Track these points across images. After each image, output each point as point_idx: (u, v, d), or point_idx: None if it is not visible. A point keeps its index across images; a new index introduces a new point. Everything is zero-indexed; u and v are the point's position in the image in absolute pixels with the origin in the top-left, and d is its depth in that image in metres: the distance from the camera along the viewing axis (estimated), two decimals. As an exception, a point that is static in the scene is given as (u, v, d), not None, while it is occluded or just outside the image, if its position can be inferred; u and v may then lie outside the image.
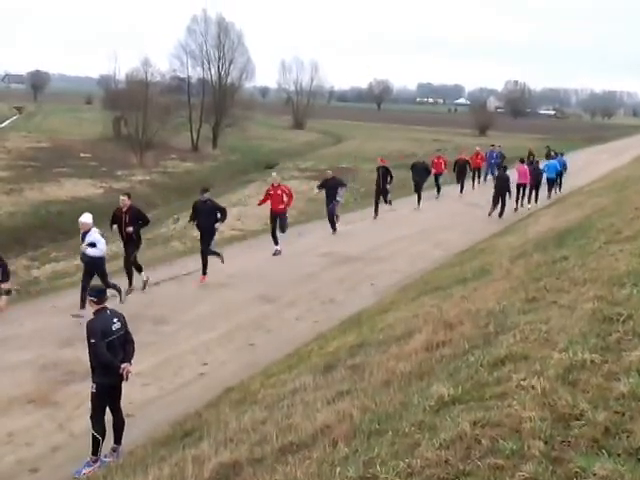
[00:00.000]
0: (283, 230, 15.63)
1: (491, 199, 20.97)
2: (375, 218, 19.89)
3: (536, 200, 23.15)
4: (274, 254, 15.29)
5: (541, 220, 17.24)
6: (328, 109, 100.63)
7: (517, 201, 22.11)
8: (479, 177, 27.86)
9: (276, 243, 15.39)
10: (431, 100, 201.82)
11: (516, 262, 10.12)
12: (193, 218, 13.22)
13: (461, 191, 25.17)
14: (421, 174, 22.72)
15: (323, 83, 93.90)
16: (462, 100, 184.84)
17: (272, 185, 15.71)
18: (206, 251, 13.16)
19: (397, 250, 16.23)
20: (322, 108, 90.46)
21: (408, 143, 56.59)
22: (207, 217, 12.88)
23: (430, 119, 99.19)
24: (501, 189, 20.72)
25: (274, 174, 16.58)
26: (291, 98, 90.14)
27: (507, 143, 42.02)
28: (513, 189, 21.29)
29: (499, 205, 20.72)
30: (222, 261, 13.31)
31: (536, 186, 23.18)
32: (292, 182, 35.50)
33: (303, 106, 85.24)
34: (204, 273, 13.09)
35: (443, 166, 25.03)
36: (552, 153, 30.60)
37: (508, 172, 21.90)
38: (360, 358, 6.87)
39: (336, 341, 8.63)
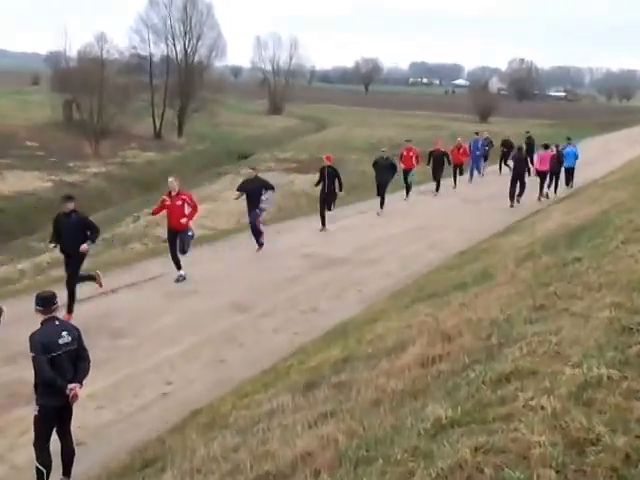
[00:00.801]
0: (184, 251, 13.65)
1: (508, 188, 21.87)
2: (322, 230, 18.20)
3: (555, 190, 23.97)
4: (177, 280, 13.39)
5: (551, 216, 17.34)
6: (309, 91, 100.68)
7: (541, 190, 23.08)
8: (461, 174, 26.33)
9: (178, 268, 13.54)
10: (425, 81, 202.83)
11: (522, 264, 10.15)
12: (54, 238, 11.39)
13: (437, 189, 24.28)
14: (385, 172, 20.74)
15: (303, 62, 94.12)
16: (461, 81, 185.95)
17: (168, 193, 13.47)
18: (72, 280, 11.34)
19: (387, 252, 16.24)
20: (303, 90, 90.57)
21: (400, 130, 56.74)
22: (72, 236, 11.08)
23: (425, 102, 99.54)
24: (519, 173, 21.75)
25: (170, 178, 13.62)
26: (267, 79, 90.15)
27: (512, 130, 42.20)
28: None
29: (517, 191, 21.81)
30: (100, 285, 11.91)
31: (557, 174, 24.04)
32: (269, 174, 35.50)
33: (281, 88, 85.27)
34: (69, 311, 11.09)
35: (414, 160, 22.90)
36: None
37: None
38: (346, 375, 6.85)
39: (319, 355, 8.61)
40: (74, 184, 34.26)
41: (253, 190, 15.78)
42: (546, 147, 24.00)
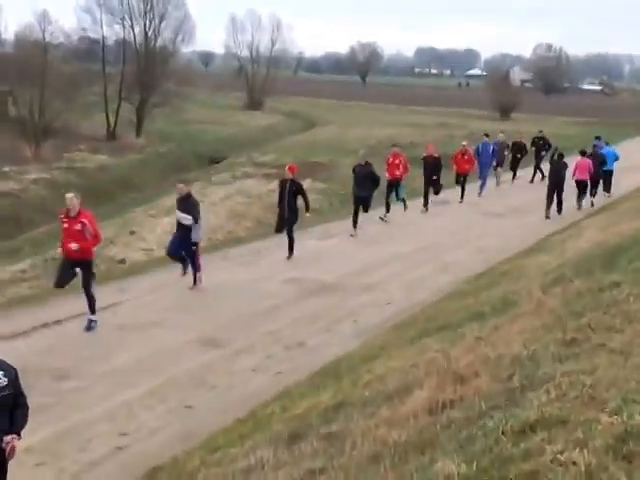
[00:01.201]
0: (87, 289, 12.57)
1: (545, 197, 22.65)
2: (289, 258, 17.52)
3: (593, 194, 24.85)
4: (87, 329, 12.53)
5: (584, 233, 17.46)
6: (295, 83, 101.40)
7: (579, 200, 23.99)
8: (463, 187, 25.55)
9: (92, 312, 12.66)
10: (435, 71, 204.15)
11: (550, 290, 10.22)
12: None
13: (425, 205, 23.77)
14: (364, 183, 19.73)
15: (288, 47, 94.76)
16: (476, 71, 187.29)
17: (66, 212, 12.48)
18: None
19: (389, 275, 16.29)
20: (287, 81, 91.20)
21: (404, 129, 57.09)
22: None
23: (434, 96, 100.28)
24: (557, 181, 22.41)
25: (69, 195, 12.49)
26: (244, 68, 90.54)
27: (536, 129, 42.42)
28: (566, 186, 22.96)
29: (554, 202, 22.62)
30: None
31: (597, 178, 24.96)
32: (247, 182, 35.63)
33: (261, 78, 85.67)
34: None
35: (401, 169, 22.06)
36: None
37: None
38: (338, 424, 6.85)
39: (306, 400, 8.61)
40: (9, 193, 34.22)
41: (181, 211, 14.90)
42: (583, 154, 24.24)
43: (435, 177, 23.74)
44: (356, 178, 20.03)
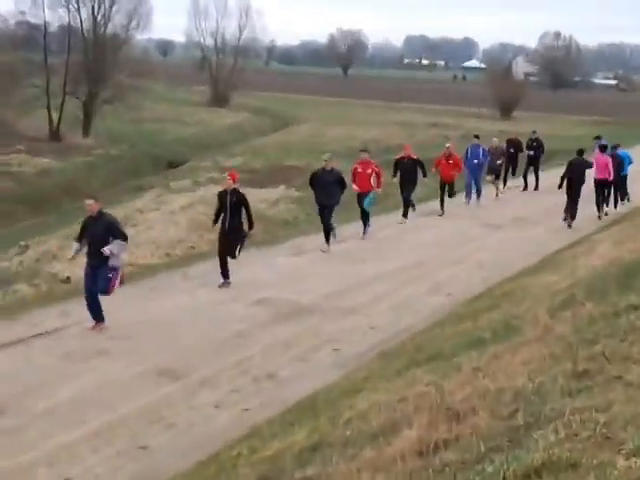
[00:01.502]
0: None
1: (564, 205, 23.29)
2: (222, 286, 16.73)
3: (615, 204, 25.33)
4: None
5: (597, 248, 17.55)
6: (267, 76, 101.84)
7: (599, 205, 24.20)
8: (451, 195, 25.66)
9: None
10: (426, 62, 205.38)
11: (559, 314, 10.27)
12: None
13: (404, 215, 23.66)
14: (331, 190, 19.57)
15: (258, 35, 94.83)
16: (474, 62, 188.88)
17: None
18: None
19: (373, 296, 16.32)
20: (257, 74, 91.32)
21: (392, 129, 57.47)
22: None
23: (426, 91, 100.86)
24: (577, 184, 23.08)
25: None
26: (208, 58, 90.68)
27: (544, 130, 42.79)
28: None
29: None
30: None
31: (617, 184, 25.19)
32: (212, 189, 35.51)
33: (227, 71, 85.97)
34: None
35: (372, 180, 21.35)
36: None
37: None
38: (315, 468, 6.81)
39: (277, 441, 8.58)
40: None
41: (93, 236, 13.89)
42: (603, 149, 24.38)
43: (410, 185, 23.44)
44: (321, 185, 19.87)
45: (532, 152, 30.48)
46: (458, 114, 72.47)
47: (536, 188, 30.17)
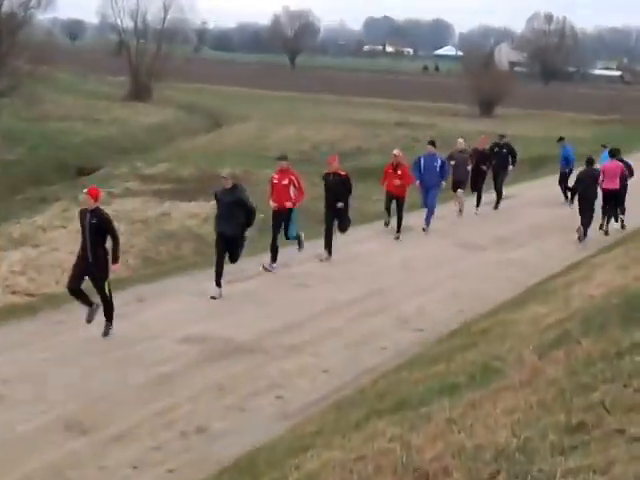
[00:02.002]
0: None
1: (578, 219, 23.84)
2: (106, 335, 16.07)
3: (616, 218, 25.66)
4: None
5: (596, 274, 17.68)
6: (197, 64, 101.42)
7: (605, 217, 24.91)
8: (400, 212, 24.84)
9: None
10: (391, 49, 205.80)
11: (549, 354, 10.32)
12: None
13: (327, 248, 22.14)
14: (230, 216, 18.34)
15: (187, 16, 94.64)
16: (449, 49, 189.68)
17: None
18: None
19: (325, 332, 16.38)
20: (187, 62, 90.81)
21: (350, 129, 57.49)
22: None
23: (391, 84, 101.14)
24: (590, 196, 23.84)
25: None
26: (126, 43, 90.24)
27: (531, 130, 43.07)
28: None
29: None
30: None
31: (623, 195, 25.58)
32: (129, 202, 35.47)
33: (149, 58, 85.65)
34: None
35: (292, 194, 20.74)
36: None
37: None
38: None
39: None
40: None
41: None
42: (613, 154, 24.77)
43: (340, 204, 21.99)
44: (221, 209, 18.77)
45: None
46: (430, 111, 72.65)
47: (496, 207, 29.97)
